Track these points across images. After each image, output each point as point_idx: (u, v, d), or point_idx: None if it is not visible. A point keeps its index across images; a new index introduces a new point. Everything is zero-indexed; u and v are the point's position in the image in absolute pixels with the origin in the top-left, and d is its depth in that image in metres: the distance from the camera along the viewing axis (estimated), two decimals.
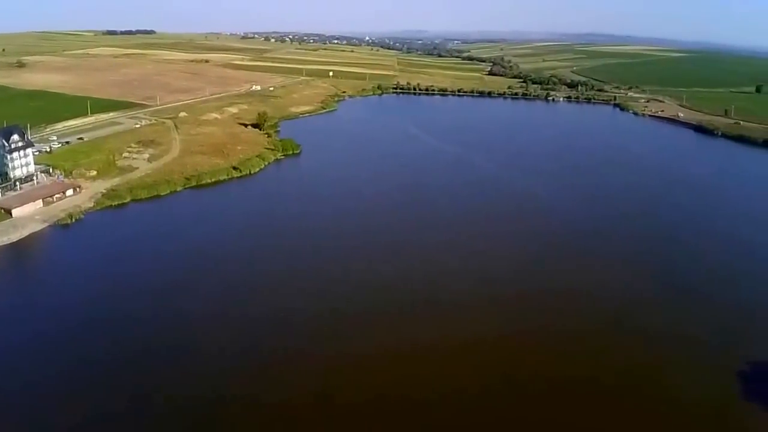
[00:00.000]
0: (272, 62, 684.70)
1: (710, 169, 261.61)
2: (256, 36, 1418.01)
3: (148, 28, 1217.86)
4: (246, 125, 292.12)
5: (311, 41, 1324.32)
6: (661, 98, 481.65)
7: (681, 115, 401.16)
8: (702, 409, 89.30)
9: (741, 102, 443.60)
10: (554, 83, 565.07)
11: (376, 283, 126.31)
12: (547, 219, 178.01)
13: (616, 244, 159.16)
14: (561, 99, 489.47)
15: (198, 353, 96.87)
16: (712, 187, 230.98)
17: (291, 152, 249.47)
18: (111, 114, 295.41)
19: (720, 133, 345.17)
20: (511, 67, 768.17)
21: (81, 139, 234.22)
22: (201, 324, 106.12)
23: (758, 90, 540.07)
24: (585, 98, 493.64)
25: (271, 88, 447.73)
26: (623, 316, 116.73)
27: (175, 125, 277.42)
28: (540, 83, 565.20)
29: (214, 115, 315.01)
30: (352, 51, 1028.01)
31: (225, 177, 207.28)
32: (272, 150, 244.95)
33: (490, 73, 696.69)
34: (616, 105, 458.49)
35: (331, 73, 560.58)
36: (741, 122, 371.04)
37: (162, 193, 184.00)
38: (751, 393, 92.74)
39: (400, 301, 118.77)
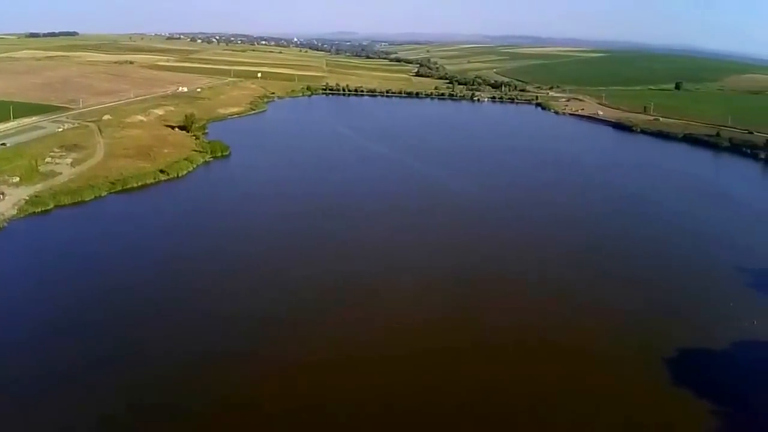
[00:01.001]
0: (199, 63, 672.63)
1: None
2: (182, 37, 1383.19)
3: (72, 30, 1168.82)
4: (173, 127, 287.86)
5: (239, 42, 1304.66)
6: (581, 97, 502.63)
7: (600, 113, 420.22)
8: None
9: (660, 99, 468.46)
10: (479, 84, 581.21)
11: (295, 283, 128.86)
12: (472, 211, 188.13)
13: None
14: (486, 99, 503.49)
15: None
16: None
17: (220, 154, 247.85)
18: (34, 118, 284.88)
19: (639, 130, 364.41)
20: (437, 68, 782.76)
21: (3, 144, 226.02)
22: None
23: (677, 87, 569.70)
24: (509, 98, 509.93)
25: (199, 90, 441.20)
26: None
27: (99, 128, 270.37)
28: (465, 84, 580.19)
29: (140, 117, 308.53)
30: (281, 52, 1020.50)
31: (152, 180, 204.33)
32: (200, 152, 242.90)
33: (418, 75, 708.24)
34: (538, 104, 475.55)
35: (259, 74, 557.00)
36: (660, 118, 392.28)
37: (86, 199, 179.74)
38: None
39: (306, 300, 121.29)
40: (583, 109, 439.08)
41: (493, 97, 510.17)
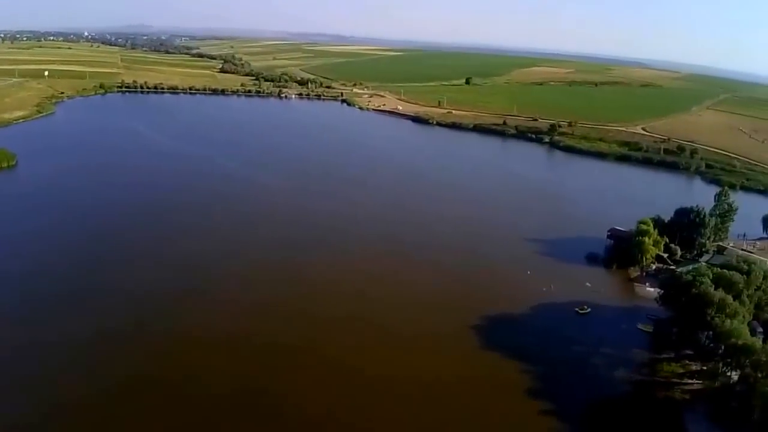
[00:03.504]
0: None
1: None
2: None
3: None
4: None
5: (24, 39, 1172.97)
6: (382, 93, 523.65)
7: (400, 108, 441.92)
8: None
9: (453, 93, 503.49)
10: (286, 81, 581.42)
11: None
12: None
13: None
14: (293, 96, 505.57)
15: None
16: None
17: (6, 165, 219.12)
18: None
19: (435, 122, 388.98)
20: (242, 64, 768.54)
21: None
22: None
23: (467, 82, 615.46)
24: (315, 95, 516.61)
25: None
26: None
27: None
28: (272, 81, 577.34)
29: None
30: (70, 48, 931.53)
31: None
32: None
33: (222, 71, 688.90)
34: (343, 101, 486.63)
35: (46, 73, 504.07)
36: (453, 111, 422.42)
37: None
38: None
39: None
40: (384, 105, 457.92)
41: (300, 94, 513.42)
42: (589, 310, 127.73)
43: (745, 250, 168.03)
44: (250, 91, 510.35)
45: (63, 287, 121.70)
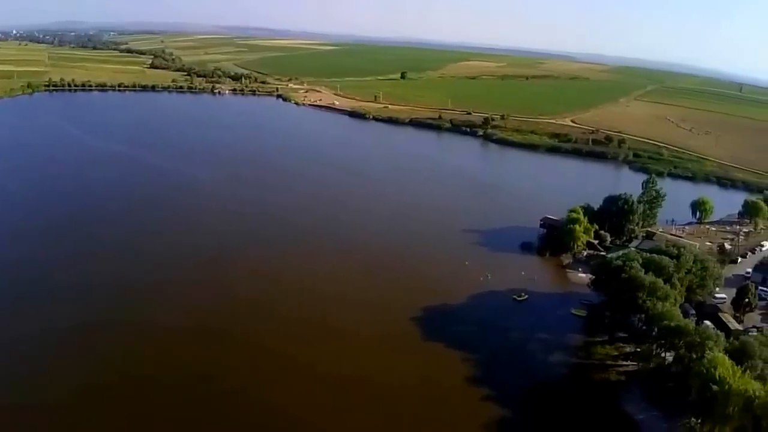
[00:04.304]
0: None
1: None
2: None
3: None
4: None
5: None
6: (318, 88, 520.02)
7: (337, 103, 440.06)
8: None
9: (388, 88, 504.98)
10: (219, 76, 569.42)
11: None
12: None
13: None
14: (227, 92, 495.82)
15: None
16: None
17: None
18: None
19: (372, 117, 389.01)
20: (173, 60, 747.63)
21: None
22: None
23: (403, 76, 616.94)
24: (250, 90, 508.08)
25: None
26: None
27: None
28: (205, 76, 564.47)
29: None
30: None
31: None
32: None
33: (152, 66, 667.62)
34: (279, 96, 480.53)
35: None
36: (389, 106, 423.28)
37: None
38: None
39: None
40: (320, 100, 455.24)
41: (235, 90, 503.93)
42: (526, 296, 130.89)
43: (674, 235, 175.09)
44: (181, 87, 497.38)
45: None
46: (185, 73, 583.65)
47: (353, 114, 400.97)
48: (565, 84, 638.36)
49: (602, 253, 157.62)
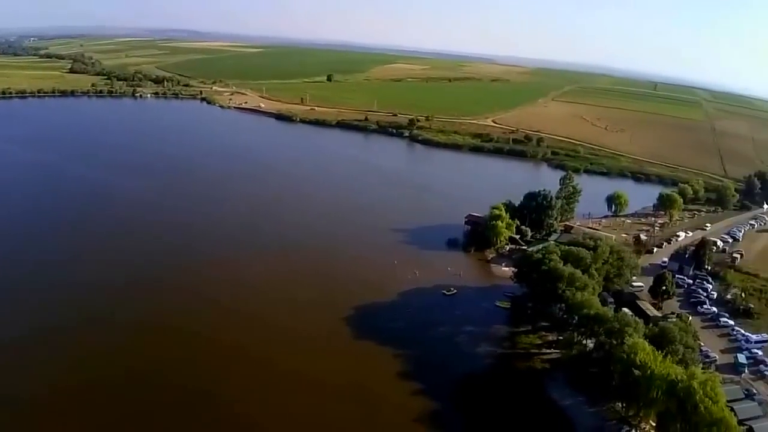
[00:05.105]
0: None
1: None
2: None
3: None
4: None
5: None
6: (243, 91, 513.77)
7: (262, 105, 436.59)
8: None
9: (315, 90, 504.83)
10: (140, 79, 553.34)
11: None
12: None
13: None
14: (149, 95, 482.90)
15: None
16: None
17: None
18: None
19: (298, 120, 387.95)
20: (93, 63, 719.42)
21: None
22: None
23: (329, 79, 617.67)
24: (173, 94, 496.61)
25: None
26: None
27: None
28: (126, 80, 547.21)
29: None
30: None
31: None
32: None
33: (72, 71, 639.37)
34: (203, 99, 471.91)
35: None
36: (316, 108, 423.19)
37: None
38: None
39: None
40: (246, 102, 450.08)
41: (157, 93, 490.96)
42: (455, 291, 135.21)
43: (591, 228, 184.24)
44: (101, 92, 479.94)
45: None
46: (106, 77, 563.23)
47: (280, 116, 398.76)
48: (486, 86, 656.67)
49: (524, 247, 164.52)
